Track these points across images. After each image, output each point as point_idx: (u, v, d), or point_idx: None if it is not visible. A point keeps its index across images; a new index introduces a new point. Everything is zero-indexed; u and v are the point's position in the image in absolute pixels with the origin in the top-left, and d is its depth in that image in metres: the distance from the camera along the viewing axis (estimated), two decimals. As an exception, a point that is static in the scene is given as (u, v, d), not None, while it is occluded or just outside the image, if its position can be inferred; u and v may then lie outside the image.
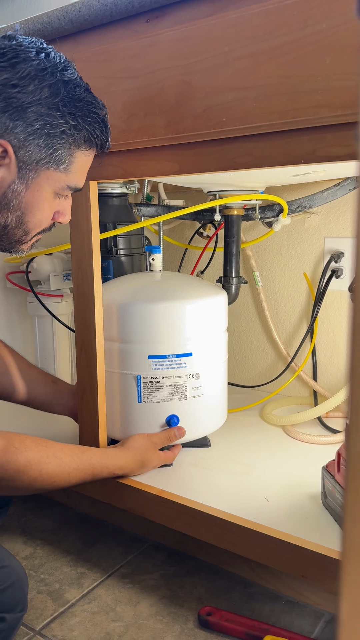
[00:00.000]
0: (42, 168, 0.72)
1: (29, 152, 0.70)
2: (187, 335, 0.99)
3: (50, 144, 0.71)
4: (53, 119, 0.70)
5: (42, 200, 0.75)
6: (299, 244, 1.31)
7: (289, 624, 0.82)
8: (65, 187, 0.76)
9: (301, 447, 1.11)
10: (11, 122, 0.68)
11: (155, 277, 1.08)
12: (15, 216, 0.74)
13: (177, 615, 0.84)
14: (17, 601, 0.72)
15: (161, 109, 0.78)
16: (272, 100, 0.68)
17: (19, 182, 0.71)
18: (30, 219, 0.75)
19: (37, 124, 0.69)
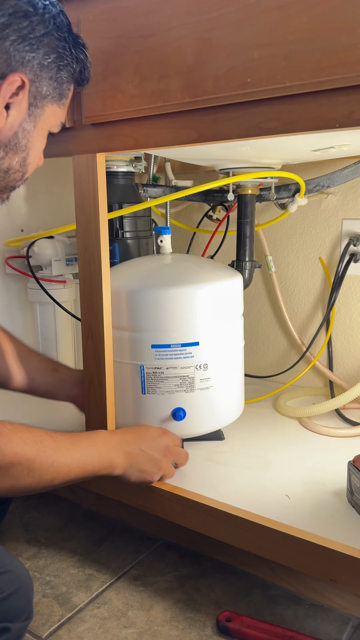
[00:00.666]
0: (48, 103, 0.69)
1: (41, 87, 0.67)
2: (196, 322, 0.92)
3: (59, 77, 0.69)
4: (62, 50, 0.68)
5: (42, 138, 0.72)
6: (314, 226, 1.25)
7: (314, 629, 0.77)
8: (59, 123, 0.74)
9: (319, 440, 1.05)
10: (28, 54, 0.64)
11: (165, 260, 1.01)
12: (21, 158, 0.70)
13: (193, 621, 0.78)
14: (21, 609, 0.66)
15: (178, 70, 0.71)
16: (303, 56, 0.61)
17: (29, 120, 0.68)
18: (31, 160, 0.72)
19: (53, 55, 0.66)
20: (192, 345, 0.92)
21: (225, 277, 0.97)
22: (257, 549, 0.77)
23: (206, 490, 0.85)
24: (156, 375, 0.92)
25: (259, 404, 1.22)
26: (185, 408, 0.93)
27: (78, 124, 0.83)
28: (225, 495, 0.83)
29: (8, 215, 1.34)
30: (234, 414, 1.02)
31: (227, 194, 1.22)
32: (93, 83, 0.78)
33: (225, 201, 1.26)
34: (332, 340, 1.25)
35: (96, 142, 0.82)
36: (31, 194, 1.38)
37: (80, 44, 0.72)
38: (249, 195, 1.10)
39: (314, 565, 0.72)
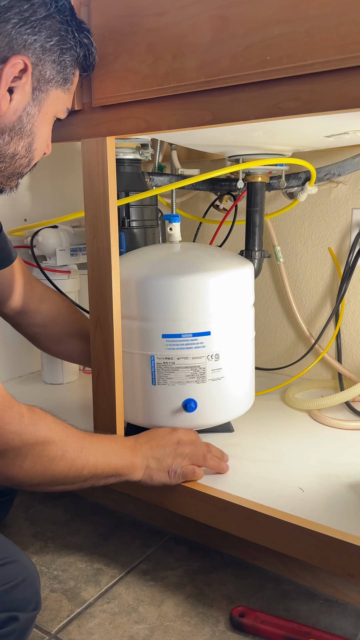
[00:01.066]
0: (52, 88, 0.68)
1: (45, 70, 0.66)
2: (208, 312, 0.90)
3: (62, 61, 0.68)
4: (65, 33, 0.67)
5: (48, 123, 0.71)
6: (324, 216, 1.22)
7: (329, 625, 0.75)
8: (65, 109, 0.73)
9: (330, 432, 1.03)
10: (29, 36, 0.62)
11: (175, 249, 0.99)
12: (26, 143, 0.69)
13: (206, 616, 0.77)
14: (29, 599, 0.65)
15: (193, 49, 0.68)
16: (327, 32, 0.59)
17: (32, 104, 0.67)
18: (37, 145, 0.71)
19: (54, 39, 0.65)
20: (203, 335, 0.90)
21: (237, 265, 0.95)
22: (272, 543, 0.75)
23: (218, 483, 0.83)
24: (167, 366, 0.90)
25: (267, 397, 1.20)
26: (197, 399, 0.91)
27: (87, 107, 0.81)
28: (237, 488, 0.81)
29: (11, 205, 1.32)
30: (245, 405, 1.00)
31: (234, 183, 1.20)
32: (104, 64, 0.76)
33: (233, 190, 1.23)
34: (341, 332, 1.23)
35: (106, 125, 0.80)
36: (34, 184, 1.35)
37: (84, 28, 0.71)
38: (259, 183, 1.08)
39: (331, 560, 0.71)
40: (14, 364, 1.36)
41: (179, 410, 0.92)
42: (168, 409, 0.92)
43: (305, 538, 0.72)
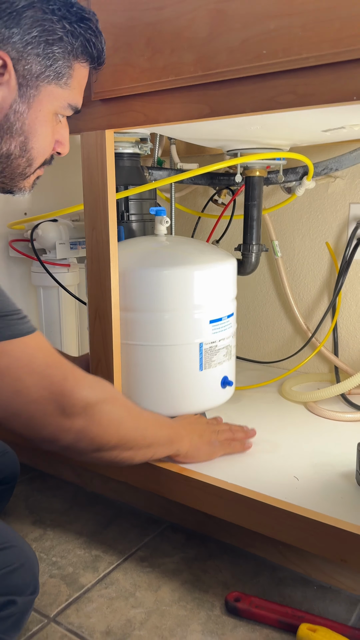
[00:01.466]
0: (43, 83, 0.66)
1: (29, 65, 0.63)
2: (231, 295, 0.99)
3: (50, 53, 0.64)
4: (50, 24, 0.63)
5: (45, 121, 0.68)
6: (321, 211, 1.24)
7: (323, 610, 0.76)
8: (66, 105, 0.70)
9: (326, 424, 1.04)
10: (6, 30, 0.60)
11: (164, 241, 1.01)
12: (19, 142, 0.67)
13: (201, 601, 0.78)
14: (27, 583, 0.66)
15: (191, 43, 0.69)
16: (322, 27, 0.60)
17: (20, 102, 0.64)
18: (34, 144, 0.68)
19: (35, 30, 0.62)
20: (231, 316, 0.99)
21: (230, 257, 1.00)
22: (266, 530, 0.77)
23: (214, 472, 0.84)
24: (212, 350, 0.95)
25: (264, 389, 1.21)
26: (228, 375, 0.99)
27: (87, 100, 0.82)
28: (233, 476, 0.83)
29: (11, 199, 1.32)
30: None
31: (233, 178, 1.21)
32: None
33: (232, 185, 1.25)
34: (337, 326, 1.24)
35: (105, 118, 0.81)
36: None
37: (83, 17, 0.67)
38: (257, 177, 1.09)
39: (324, 546, 0.72)
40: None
41: (217, 388, 0.98)
42: (213, 390, 0.97)
43: (299, 525, 0.73)
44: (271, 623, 0.73)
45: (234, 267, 0.99)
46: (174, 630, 0.73)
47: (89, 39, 0.68)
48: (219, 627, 0.74)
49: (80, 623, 0.75)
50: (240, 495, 0.78)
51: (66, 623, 0.75)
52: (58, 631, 0.73)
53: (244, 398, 1.16)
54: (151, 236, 1.05)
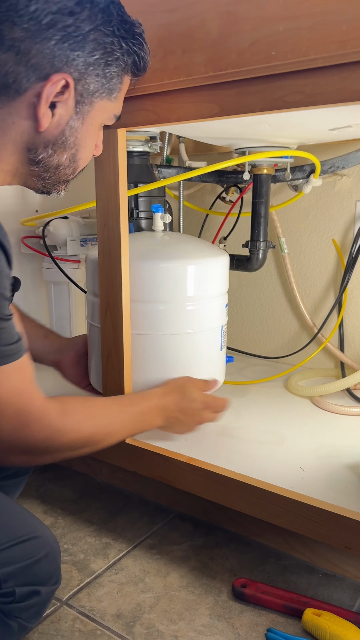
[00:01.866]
0: (97, 99, 0.68)
1: (87, 85, 0.65)
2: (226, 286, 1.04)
3: (108, 73, 0.66)
4: (110, 46, 0.65)
5: (94, 133, 0.71)
6: (328, 208, 1.25)
7: (327, 597, 0.79)
8: (112, 116, 0.73)
9: (331, 418, 1.06)
10: (71, 52, 0.62)
11: (164, 236, 1.04)
12: (70, 154, 0.69)
13: (209, 587, 0.80)
14: (50, 574, 0.68)
15: (202, 44, 0.71)
16: (329, 28, 0.62)
17: (75, 118, 0.67)
18: (82, 155, 0.71)
19: (97, 53, 0.64)
20: (226, 306, 1.05)
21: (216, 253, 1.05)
22: (272, 518, 0.79)
23: (221, 462, 0.86)
24: (224, 332, 1.03)
25: (270, 384, 1.23)
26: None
27: (99, 99, 0.84)
28: (240, 466, 0.85)
29: (23, 197, 1.35)
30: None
31: (241, 175, 1.23)
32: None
33: (239, 182, 1.26)
34: (344, 321, 1.26)
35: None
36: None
37: (135, 33, 0.68)
38: (265, 175, 1.11)
39: (329, 533, 0.74)
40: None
41: (225, 365, 1.07)
42: (224, 366, 1.06)
43: (305, 513, 0.75)
44: (277, 608, 0.76)
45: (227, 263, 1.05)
46: (182, 614, 0.76)
47: (140, 55, 0.70)
48: (226, 611, 0.76)
49: (91, 606, 0.77)
50: (247, 484, 0.80)
51: (78, 606, 0.77)
52: (70, 614, 0.76)
53: (250, 392, 1.18)
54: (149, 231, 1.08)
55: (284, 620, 0.74)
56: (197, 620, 0.74)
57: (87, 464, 1.11)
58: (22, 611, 0.65)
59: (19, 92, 0.62)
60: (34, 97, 0.62)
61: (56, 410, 0.70)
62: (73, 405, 0.74)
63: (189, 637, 0.72)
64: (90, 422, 0.75)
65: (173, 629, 0.73)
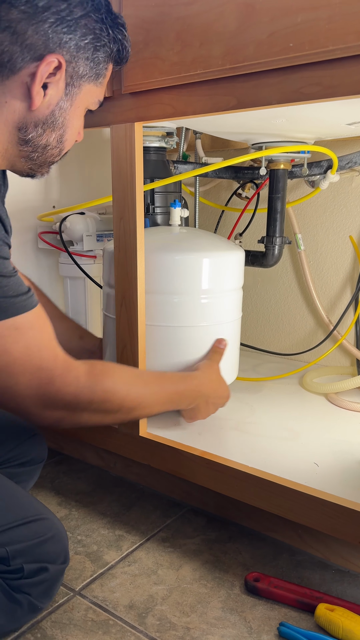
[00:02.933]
0: (85, 82, 0.71)
1: (78, 67, 0.69)
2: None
3: (96, 57, 0.70)
4: (99, 32, 0.68)
5: (80, 116, 0.74)
6: (345, 204, 1.24)
7: (341, 592, 0.78)
8: (97, 101, 0.76)
9: (346, 414, 1.06)
10: (65, 35, 0.65)
11: (181, 231, 1.04)
12: (58, 135, 0.72)
13: (222, 581, 0.80)
14: (58, 553, 0.71)
15: (220, 36, 0.71)
16: (348, 19, 0.61)
17: (65, 99, 0.70)
18: (68, 137, 0.74)
19: (88, 37, 0.67)
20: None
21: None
22: (286, 513, 0.79)
23: (236, 457, 0.86)
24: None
25: (284, 381, 1.23)
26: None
27: (117, 94, 0.84)
28: (254, 461, 0.85)
29: (41, 192, 1.37)
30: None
31: (257, 171, 1.23)
32: (134, 52, 0.79)
33: (256, 178, 1.26)
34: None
35: (135, 111, 0.83)
36: (63, 173, 1.40)
37: (119, 23, 0.72)
38: (281, 170, 1.10)
39: (343, 529, 0.74)
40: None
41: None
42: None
43: (319, 508, 0.75)
44: (290, 603, 0.75)
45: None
46: (194, 606, 0.76)
47: (123, 44, 0.74)
48: (238, 604, 0.76)
49: (104, 597, 0.78)
50: (260, 478, 0.80)
51: (91, 596, 0.78)
52: (83, 603, 0.76)
53: (265, 389, 1.18)
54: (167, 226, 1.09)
55: (296, 615, 0.74)
56: (210, 613, 0.74)
57: (101, 457, 1.12)
58: (31, 587, 0.67)
59: (13, 71, 0.64)
60: (27, 76, 0.65)
61: (84, 368, 0.71)
62: (107, 368, 0.75)
63: (201, 629, 0.72)
64: (123, 387, 0.75)
65: (185, 621, 0.73)
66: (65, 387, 0.68)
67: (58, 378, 0.68)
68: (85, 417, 0.72)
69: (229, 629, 0.72)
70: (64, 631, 0.72)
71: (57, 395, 0.68)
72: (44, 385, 0.67)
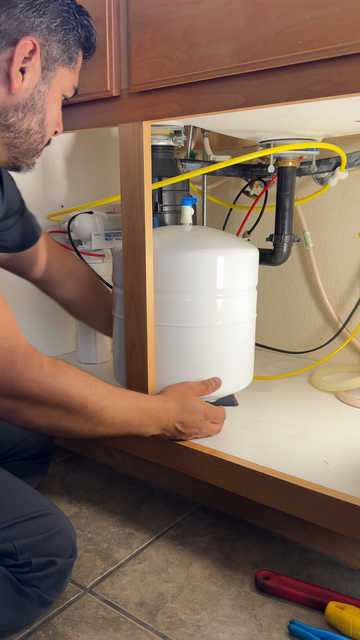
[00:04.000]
0: (59, 66, 0.73)
1: (51, 50, 0.71)
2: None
3: (67, 40, 0.73)
4: (67, 15, 0.72)
5: (57, 100, 0.76)
6: (354, 202, 1.24)
7: (351, 591, 0.78)
8: (72, 87, 0.78)
9: (356, 412, 1.05)
10: (36, 19, 0.68)
11: (193, 229, 1.03)
12: (38, 119, 0.74)
13: (232, 579, 0.81)
14: (65, 547, 0.71)
15: (228, 35, 0.71)
16: (356, 16, 0.61)
17: (42, 82, 0.72)
18: (49, 121, 0.76)
19: (57, 20, 0.70)
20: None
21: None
22: (296, 511, 0.79)
23: (245, 455, 0.86)
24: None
25: (293, 379, 1.22)
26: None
27: (125, 93, 0.85)
28: (264, 459, 0.85)
29: (49, 191, 1.37)
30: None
31: (265, 169, 1.22)
32: (142, 51, 0.80)
33: (264, 176, 1.26)
34: (369, 316, 1.25)
35: (142, 110, 0.84)
36: (71, 172, 1.40)
37: (84, 12, 0.76)
38: (290, 167, 1.10)
39: (353, 527, 0.73)
40: (50, 345, 1.42)
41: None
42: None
43: (329, 506, 0.75)
44: (300, 601, 0.75)
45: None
46: (205, 604, 0.76)
47: (90, 30, 0.77)
48: (248, 602, 0.76)
49: (115, 594, 0.78)
50: (270, 477, 0.80)
51: (101, 594, 0.78)
52: (94, 601, 0.77)
53: (273, 387, 1.18)
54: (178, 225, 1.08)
55: (307, 613, 0.74)
56: (220, 611, 0.74)
57: (111, 455, 1.13)
58: (40, 580, 0.68)
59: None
60: (4, 62, 0.67)
61: (47, 358, 0.69)
62: (69, 367, 0.71)
63: (211, 626, 0.72)
64: (85, 388, 0.71)
65: (195, 619, 0.73)
66: (27, 372, 0.65)
67: (20, 361, 0.65)
68: (42, 412, 0.68)
69: (239, 627, 0.72)
70: (75, 628, 0.72)
71: (17, 380, 0.65)
72: (4, 367, 0.64)
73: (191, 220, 1.04)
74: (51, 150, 1.35)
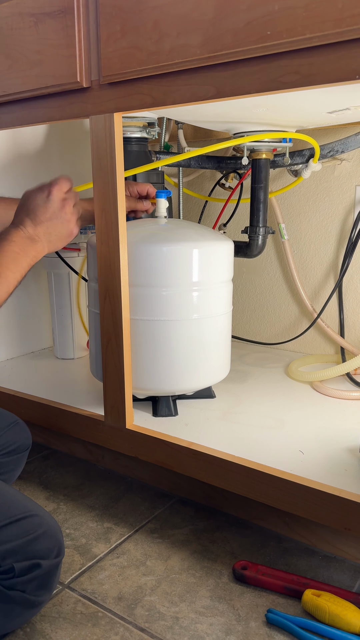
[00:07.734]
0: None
1: None
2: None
3: None
4: None
5: None
6: (327, 193, 1.25)
7: (327, 578, 0.79)
8: None
9: (331, 402, 1.07)
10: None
11: (168, 222, 1.03)
12: None
13: (210, 570, 0.81)
14: (51, 548, 0.69)
15: (197, 25, 0.71)
16: (325, 7, 0.61)
17: None
18: None
19: None
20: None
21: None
22: (273, 501, 0.79)
23: (222, 447, 0.87)
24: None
25: (270, 370, 1.23)
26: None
27: (95, 84, 0.84)
28: (241, 450, 0.85)
29: (22, 185, 1.35)
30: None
31: (239, 161, 1.22)
32: (111, 41, 0.78)
33: (239, 168, 1.26)
34: (344, 307, 1.26)
35: (114, 101, 0.82)
36: (44, 165, 1.38)
37: None
38: (263, 159, 1.10)
39: (328, 515, 0.74)
40: (27, 341, 1.41)
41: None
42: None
43: (304, 495, 0.76)
44: (277, 589, 0.76)
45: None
46: (183, 596, 0.76)
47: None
48: (226, 593, 0.77)
49: (93, 589, 0.78)
50: (247, 467, 0.81)
51: (80, 589, 0.78)
52: (72, 597, 0.77)
53: (250, 378, 1.18)
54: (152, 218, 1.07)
55: (284, 601, 0.75)
56: (198, 602, 0.75)
57: (89, 450, 1.12)
58: (24, 584, 0.66)
59: None
60: None
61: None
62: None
63: (189, 618, 0.72)
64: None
65: (174, 611, 0.74)
66: None
67: None
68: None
69: (218, 617, 0.72)
70: (53, 625, 0.72)
71: None
72: None
73: (166, 213, 1.03)
74: (25, 143, 1.33)
